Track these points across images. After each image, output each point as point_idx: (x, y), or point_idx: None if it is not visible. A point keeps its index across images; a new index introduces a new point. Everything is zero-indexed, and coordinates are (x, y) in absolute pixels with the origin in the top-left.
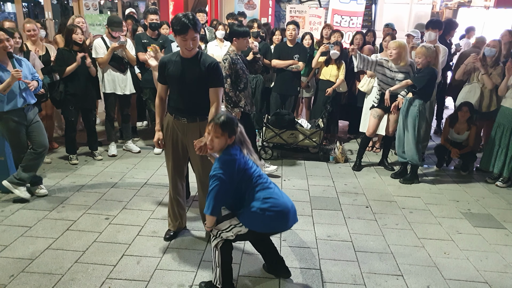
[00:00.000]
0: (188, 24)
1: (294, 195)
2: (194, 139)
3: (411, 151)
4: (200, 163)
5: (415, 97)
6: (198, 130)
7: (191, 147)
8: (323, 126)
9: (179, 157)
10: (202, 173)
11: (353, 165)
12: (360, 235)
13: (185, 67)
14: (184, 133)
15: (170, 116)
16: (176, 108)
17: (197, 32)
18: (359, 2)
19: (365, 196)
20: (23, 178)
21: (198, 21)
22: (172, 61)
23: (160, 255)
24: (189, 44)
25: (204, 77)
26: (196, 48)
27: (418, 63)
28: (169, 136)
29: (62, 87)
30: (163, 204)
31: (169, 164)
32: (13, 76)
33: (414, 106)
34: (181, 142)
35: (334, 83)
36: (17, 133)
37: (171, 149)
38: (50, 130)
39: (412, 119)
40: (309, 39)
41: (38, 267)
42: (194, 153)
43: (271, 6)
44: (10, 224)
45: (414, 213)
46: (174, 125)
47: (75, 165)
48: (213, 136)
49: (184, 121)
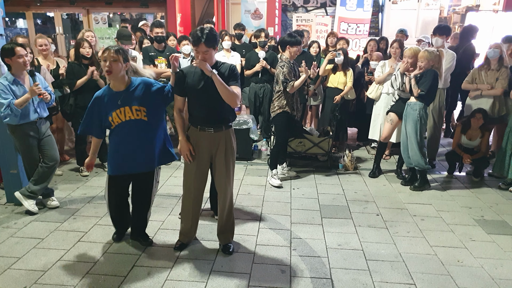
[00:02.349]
0: (201, 37)
1: (303, 203)
2: (221, 148)
3: (415, 156)
4: (224, 173)
5: (416, 101)
6: (224, 138)
7: (217, 157)
8: (332, 133)
9: (203, 170)
10: (225, 181)
11: (370, 172)
12: (371, 244)
13: (205, 77)
14: (210, 143)
15: (194, 128)
16: (201, 119)
17: (210, 47)
18: (365, 9)
19: (375, 204)
20: (34, 191)
21: (212, 36)
22: (192, 72)
23: (170, 266)
24: (198, 57)
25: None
26: (213, 60)
27: (420, 67)
28: (194, 148)
29: (72, 100)
30: (173, 215)
31: (192, 176)
32: (33, 91)
33: (415, 110)
34: (207, 153)
35: (342, 91)
36: (29, 146)
37: (196, 163)
38: (61, 142)
39: (413, 123)
40: (316, 47)
41: (50, 279)
42: (219, 163)
43: (277, 15)
44: (23, 236)
45: (426, 220)
46: (199, 137)
47: (85, 177)
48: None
49: (211, 131)
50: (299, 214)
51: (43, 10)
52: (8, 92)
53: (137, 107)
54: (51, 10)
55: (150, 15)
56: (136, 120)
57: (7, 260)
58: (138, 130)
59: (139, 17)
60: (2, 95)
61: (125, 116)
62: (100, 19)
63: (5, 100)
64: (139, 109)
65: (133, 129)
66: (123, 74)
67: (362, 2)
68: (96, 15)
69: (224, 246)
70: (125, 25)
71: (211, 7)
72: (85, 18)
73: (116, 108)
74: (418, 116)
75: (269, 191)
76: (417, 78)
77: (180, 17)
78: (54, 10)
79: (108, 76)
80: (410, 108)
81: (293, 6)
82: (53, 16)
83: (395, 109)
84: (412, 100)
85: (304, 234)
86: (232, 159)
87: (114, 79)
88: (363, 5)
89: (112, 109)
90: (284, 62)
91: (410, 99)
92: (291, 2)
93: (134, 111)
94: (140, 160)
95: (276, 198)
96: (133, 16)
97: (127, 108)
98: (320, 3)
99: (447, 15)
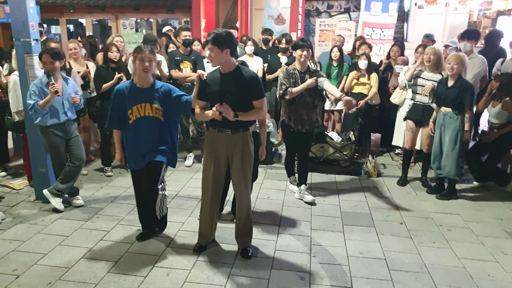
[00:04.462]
0: (207, 37)
1: (324, 210)
2: (238, 150)
3: (449, 166)
4: (241, 175)
5: (454, 111)
6: (241, 140)
7: (234, 158)
8: (355, 139)
9: (220, 170)
10: (242, 184)
11: (398, 179)
12: (394, 253)
13: (225, 82)
14: (227, 145)
15: (212, 130)
16: (219, 121)
17: (215, 45)
18: (390, 14)
19: (399, 212)
20: (61, 189)
21: (219, 36)
22: (213, 78)
23: (189, 268)
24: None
25: (245, 91)
26: (228, 63)
27: (452, 69)
28: (211, 149)
29: (98, 103)
30: (193, 216)
31: (209, 177)
32: (51, 91)
33: (455, 120)
34: (224, 155)
35: (366, 96)
36: (57, 146)
37: (212, 162)
38: (87, 143)
39: (454, 133)
40: (336, 52)
41: (73, 276)
42: (236, 165)
43: (300, 20)
44: (49, 233)
45: (453, 230)
46: (217, 138)
47: (109, 177)
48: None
49: (228, 132)
50: (320, 220)
51: (75, 17)
52: (38, 94)
53: (157, 106)
54: (83, 16)
55: (175, 20)
56: (154, 117)
57: (34, 255)
58: (153, 127)
59: (164, 23)
60: (32, 96)
61: (144, 111)
62: (127, 24)
63: (32, 101)
64: (159, 108)
65: (149, 125)
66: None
67: (387, 7)
68: (124, 20)
69: (243, 250)
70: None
71: (235, 13)
72: (113, 23)
73: (138, 102)
74: (459, 126)
75: (288, 196)
76: (447, 88)
77: (204, 22)
78: (85, 17)
79: (145, 74)
80: (448, 117)
81: (317, 11)
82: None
83: (411, 116)
84: (447, 109)
85: (324, 240)
86: (249, 162)
87: (146, 77)
88: (388, 10)
89: (134, 103)
90: (285, 68)
91: (442, 108)
92: (315, 8)
93: (154, 109)
94: (151, 153)
95: (296, 203)
96: (159, 21)
97: (147, 105)
98: (344, 8)
99: (477, 20)
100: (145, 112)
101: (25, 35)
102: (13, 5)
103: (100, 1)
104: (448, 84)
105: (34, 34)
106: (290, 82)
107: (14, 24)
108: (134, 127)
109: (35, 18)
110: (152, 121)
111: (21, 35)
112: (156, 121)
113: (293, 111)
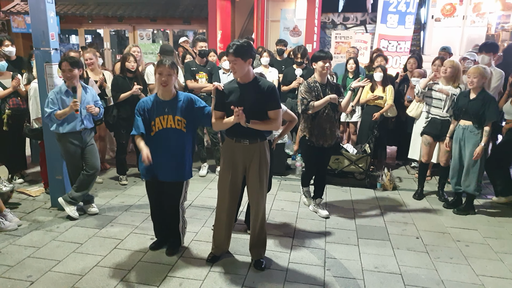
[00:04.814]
0: (229, 48)
1: (339, 222)
2: (256, 160)
3: (468, 181)
4: (257, 186)
5: (475, 124)
6: (259, 150)
7: (251, 169)
8: (370, 151)
9: (237, 180)
10: (258, 194)
11: (414, 193)
12: (410, 268)
13: (243, 92)
14: (244, 155)
15: (229, 140)
16: (237, 132)
17: (237, 57)
18: (407, 26)
19: (415, 226)
20: (75, 197)
21: (241, 47)
22: (231, 88)
23: (202, 278)
24: (227, 65)
25: (262, 101)
26: (248, 73)
27: (472, 82)
28: (229, 160)
29: (115, 112)
30: (206, 226)
31: (226, 187)
32: (71, 107)
33: (476, 134)
34: (242, 165)
35: (381, 108)
36: (73, 154)
37: (230, 172)
38: (103, 151)
39: (475, 147)
40: (352, 63)
41: (87, 283)
42: (253, 175)
43: (316, 32)
44: (64, 240)
45: (471, 246)
46: (234, 148)
47: (124, 185)
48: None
49: (246, 142)
50: (334, 233)
51: (94, 27)
52: (56, 102)
53: (179, 118)
54: (101, 27)
55: (191, 32)
56: (176, 129)
57: (49, 262)
58: (175, 139)
59: (180, 34)
60: (49, 104)
61: (167, 123)
62: (144, 35)
63: (50, 109)
64: (181, 119)
65: (170, 137)
66: (173, 86)
67: (404, 20)
68: (141, 31)
69: (256, 262)
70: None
71: (251, 24)
72: (131, 34)
73: (161, 114)
74: (480, 140)
75: (303, 208)
76: (469, 100)
77: (220, 34)
78: (103, 27)
79: (163, 88)
80: (469, 131)
81: (332, 23)
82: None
83: (429, 130)
84: (467, 123)
85: (339, 254)
86: (265, 172)
87: (166, 90)
88: (405, 23)
89: (157, 114)
90: (306, 81)
91: (461, 121)
92: (330, 20)
93: (176, 121)
94: (172, 169)
95: (310, 215)
96: (175, 32)
97: (170, 117)
98: (360, 20)
99: (495, 33)
100: (168, 124)
101: (45, 45)
102: (34, 15)
103: (118, 12)
104: (470, 96)
105: (53, 43)
106: (312, 95)
107: (35, 33)
108: (155, 139)
109: (55, 28)
110: (175, 133)
111: (41, 44)
112: (179, 133)
113: (316, 125)
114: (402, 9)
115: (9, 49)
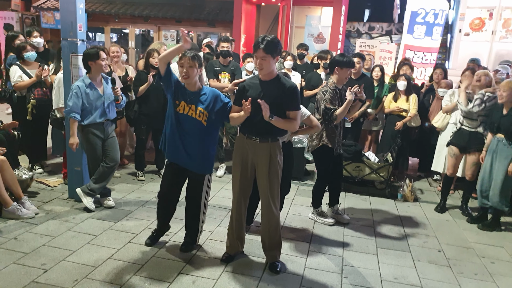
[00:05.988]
0: (260, 43)
1: (358, 230)
2: (265, 160)
3: (497, 196)
4: (267, 186)
5: (508, 140)
6: (269, 150)
7: (259, 167)
8: (392, 161)
9: (247, 177)
10: (268, 194)
11: (436, 206)
12: (431, 281)
13: (263, 89)
14: (254, 152)
15: (242, 136)
16: (250, 128)
17: (268, 53)
18: (434, 38)
19: (437, 239)
20: (94, 189)
21: (272, 43)
22: (252, 83)
23: (216, 277)
24: (257, 62)
25: (281, 100)
26: (273, 71)
27: (501, 96)
28: (239, 155)
29: (136, 107)
30: (222, 226)
31: (236, 184)
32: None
33: (509, 148)
34: (251, 162)
35: (404, 117)
36: (94, 146)
37: (240, 168)
38: (122, 147)
39: (507, 161)
40: (378, 71)
41: (99, 275)
42: (262, 173)
43: (340, 40)
44: (79, 231)
45: (497, 264)
46: (245, 144)
47: (142, 181)
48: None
49: (256, 140)
50: (353, 241)
51: (120, 26)
52: (79, 96)
53: (201, 109)
54: (127, 26)
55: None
56: (197, 120)
57: (63, 252)
58: (196, 130)
59: (204, 36)
60: (73, 98)
61: (188, 111)
62: (169, 36)
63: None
64: (203, 112)
65: (192, 127)
66: (196, 79)
67: (431, 31)
68: (166, 32)
69: (271, 264)
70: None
71: (275, 30)
72: (156, 34)
73: (185, 100)
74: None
75: None
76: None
77: (244, 37)
78: (129, 26)
79: (185, 80)
80: (502, 144)
81: (357, 32)
82: (127, 32)
83: (456, 141)
84: (502, 136)
85: (357, 262)
86: (276, 174)
87: (189, 83)
88: (432, 34)
89: (183, 99)
90: (327, 87)
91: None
92: (355, 28)
93: (198, 112)
94: (193, 157)
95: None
96: (200, 35)
97: (193, 106)
98: (385, 30)
99: None
100: (189, 112)
101: (73, 35)
102: (63, 6)
103: (144, 12)
104: (503, 111)
105: (81, 34)
106: (336, 104)
107: (63, 24)
108: (179, 119)
109: (83, 19)
110: (195, 124)
111: (69, 35)
112: (199, 125)
113: (338, 133)
114: (430, 20)
115: (38, 40)
